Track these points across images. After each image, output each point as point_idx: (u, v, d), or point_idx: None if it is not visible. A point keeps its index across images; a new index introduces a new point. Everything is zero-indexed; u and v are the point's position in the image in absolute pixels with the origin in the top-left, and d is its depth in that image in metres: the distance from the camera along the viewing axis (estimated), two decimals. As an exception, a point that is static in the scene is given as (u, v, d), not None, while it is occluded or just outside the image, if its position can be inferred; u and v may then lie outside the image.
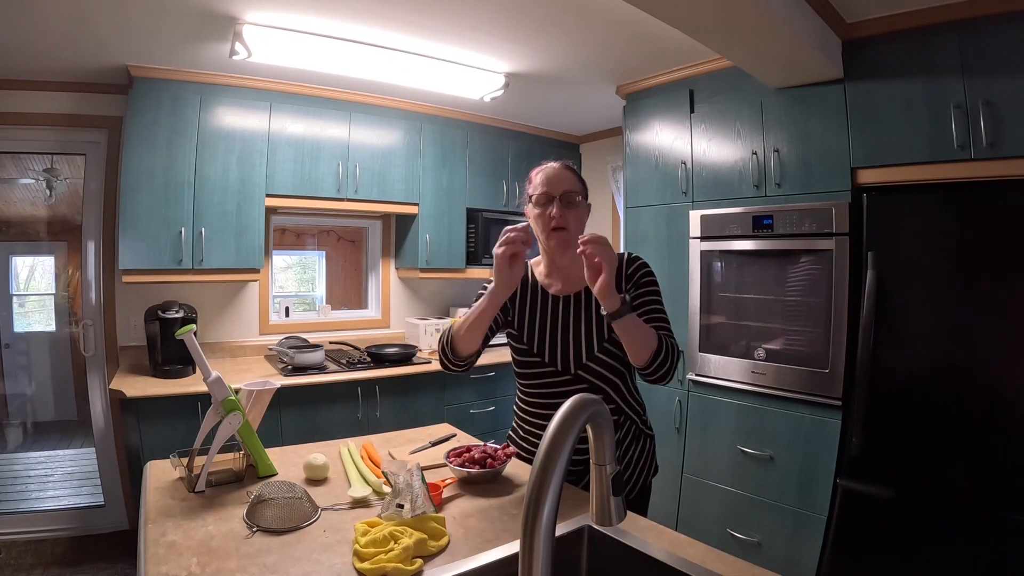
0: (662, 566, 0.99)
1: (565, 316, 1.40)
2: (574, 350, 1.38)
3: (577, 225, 1.36)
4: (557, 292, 1.42)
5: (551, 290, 1.43)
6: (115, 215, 2.74)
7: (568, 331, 1.39)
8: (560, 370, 1.39)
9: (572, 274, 1.40)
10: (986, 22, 1.77)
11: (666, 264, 2.69)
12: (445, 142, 3.44)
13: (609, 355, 1.36)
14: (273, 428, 2.54)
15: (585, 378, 1.37)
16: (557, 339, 1.40)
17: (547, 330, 1.41)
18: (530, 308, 1.44)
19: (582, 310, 1.39)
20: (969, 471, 1.79)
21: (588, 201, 1.41)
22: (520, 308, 1.45)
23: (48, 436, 3.98)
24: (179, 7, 2.06)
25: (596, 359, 1.36)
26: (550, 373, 1.39)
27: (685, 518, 2.59)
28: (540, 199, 1.34)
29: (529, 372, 1.43)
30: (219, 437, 1.29)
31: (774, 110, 2.31)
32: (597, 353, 1.36)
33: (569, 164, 1.40)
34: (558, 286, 1.42)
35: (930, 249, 1.90)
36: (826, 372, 2.09)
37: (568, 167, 1.38)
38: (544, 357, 1.40)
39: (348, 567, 0.95)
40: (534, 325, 1.42)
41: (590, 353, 1.36)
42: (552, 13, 2.12)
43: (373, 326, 3.68)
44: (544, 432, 1.39)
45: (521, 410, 1.50)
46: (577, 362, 1.37)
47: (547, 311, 1.42)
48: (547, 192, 1.33)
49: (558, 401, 1.32)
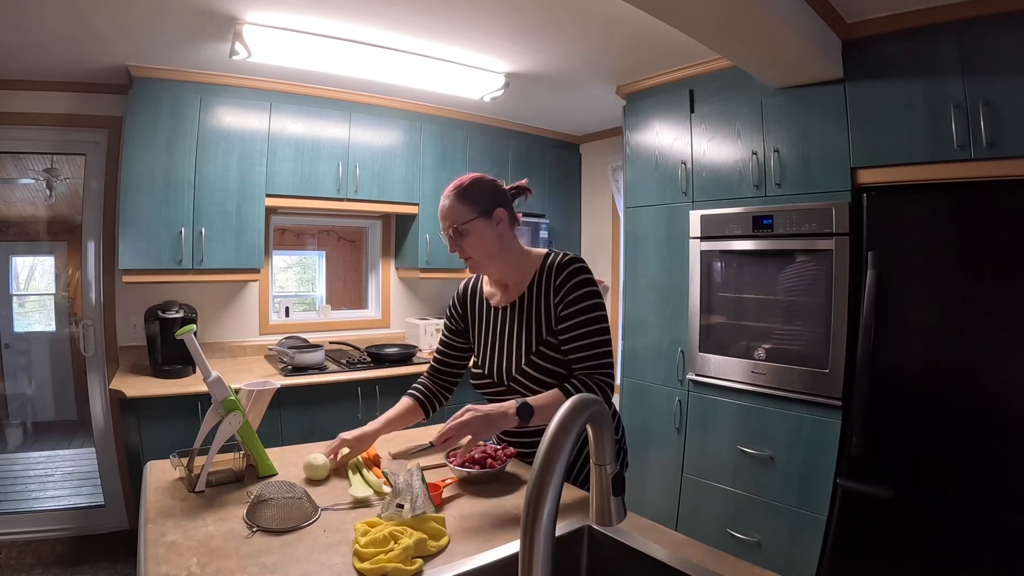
0: (662, 566, 0.99)
1: (501, 327, 1.41)
2: (505, 362, 1.38)
3: (479, 248, 1.33)
4: (497, 303, 1.44)
5: (492, 301, 1.45)
6: (115, 215, 2.75)
7: (502, 343, 1.40)
8: (496, 382, 1.40)
9: (509, 283, 1.41)
10: (986, 22, 1.77)
11: (666, 264, 2.69)
12: (445, 142, 3.44)
13: (535, 368, 1.32)
14: (273, 428, 2.54)
15: (516, 389, 1.36)
16: (494, 351, 1.42)
17: (487, 342, 1.44)
18: (478, 321, 1.49)
19: (514, 322, 1.39)
20: (969, 471, 1.79)
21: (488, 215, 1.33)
22: (471, 323, 1.51)
23: (48, 436, 3.98)
24: (179, 7, 2.06)
25: (523, 372, 1.34)
26: (488, 384, 1.43)
27: (685, 518, 2.59)
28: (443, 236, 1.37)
29: (476, 383, 1.47)
30: (219, 437, 1.29)
31: (774, 110, 2.31)
32: (524, 366, 1.34)
33: (456, 187, 1.34)
34: (498, 296, 1.44)
35: (930, 249, 1.90)
36: (826, 372, 2.09)
37: (454, 193, 1.33)
38: (484, 368, 1.43)
39: (348, 567, 0.95)
40: (482, 337, 1.47)
41: (518, 366, 1.35)
42: (552, 13, 2.12)
43: (373, 326, 3.68)
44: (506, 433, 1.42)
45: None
46: (508, 374, 1.37)
47: (489, 323, 1.45)
48: (442, 231, 1.36)
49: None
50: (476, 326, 1.49)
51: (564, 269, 1.31)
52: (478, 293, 1.50)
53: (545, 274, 1.35)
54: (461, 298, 1.54)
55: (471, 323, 1.51)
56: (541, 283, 1.35)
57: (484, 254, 1.34)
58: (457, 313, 1.54)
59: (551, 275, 1.33)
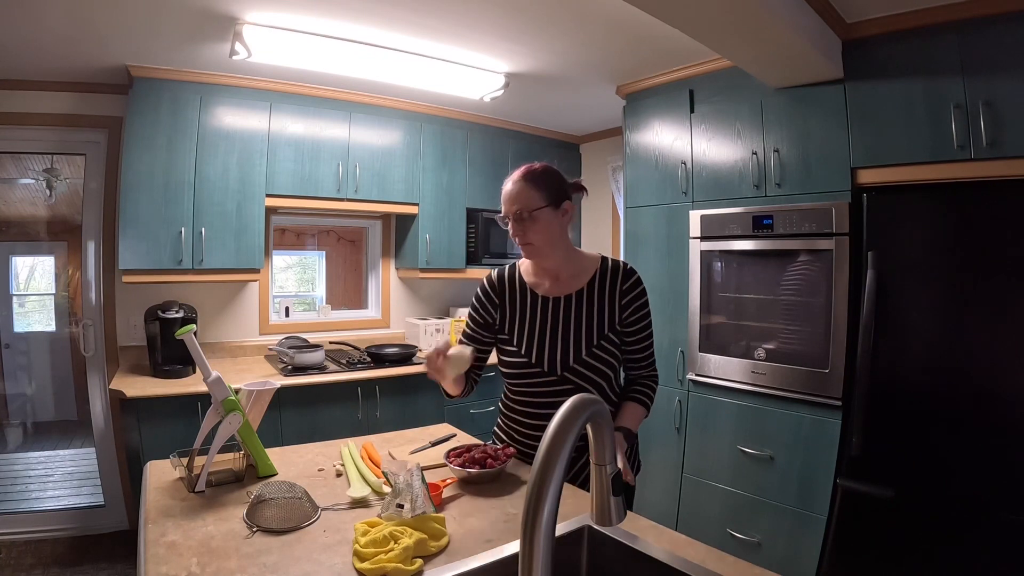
0: (662, 566, 0.99)
1: (555, 318, 1.41)
2: (562, 353, 1.39)
3: (544, 237, 1.36)
4: (546, 293, 1.43)
5: (539, 291, 1.44)
6: (115, 215, 2.74)
7: (556, 333, 1.40)
8: (546, 371, 1.39)
9: (561, 275, 1.43)
10: (986, 22, 1.77)
11: (666, 264, 2.69)
12: (445, 142, 3.44)
13: (596, 359, 1.38)
14: (273, 428, 2.54)
15: (570, 379, 1.38)
16: (545, 341, 1.40)
17: (536, 331, 1.42)
18: (519, 309, 1.45)
19: (571, 313, 1.40)
20: (969, 471, 1.79)
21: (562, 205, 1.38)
22: (509, 311, 1.47)
23: (48, 436, 3.98)
24: (179, 7, 2.06)
25: (583, 362, 1.38)
26: (536, 373, 1.41)
27: (685, 518, 2.59)
28: (504, 218, 1.39)
29: (515, 372, 1.44)
30: (219, 437, 1.29)
31: (774, 110, 2.31)
32: (585, 357, 1.38)
33: (528, 173, 1.37)
34: (546, 286, 1.44)
35: (930, 249, 1.90)
36: (826, 372, 2.09)
37: (525, 177, 1.37)
38: (531, 358, 1.41)
39: (348, 567, 0.95)
40: (523, 326, 1.44)
41: (578, 356, 1.38)
42: (552, 13, 2.12)
43: (373, 326, 3.68)
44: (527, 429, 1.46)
45: (506, 407, 1.52)
46: (564, 364, 1.38)
47: (536, 312, 1.43)
48: (506, 212, 1.38)
49: (543, 400, 1.41)
50: (516, 313, 1.45)
51: (631, 277, 1.42)
52: (516, 280, 1.48)
53: (610, 275, 1.42)
54: (497, 286, 1.49)
55: (508, 310, 1.46)
56: (605, 282, 1.41)
57: (546, 242, 1.37)
58: (492, 302, 1.48)
59: (617, 278, 1.41)
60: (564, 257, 1.42)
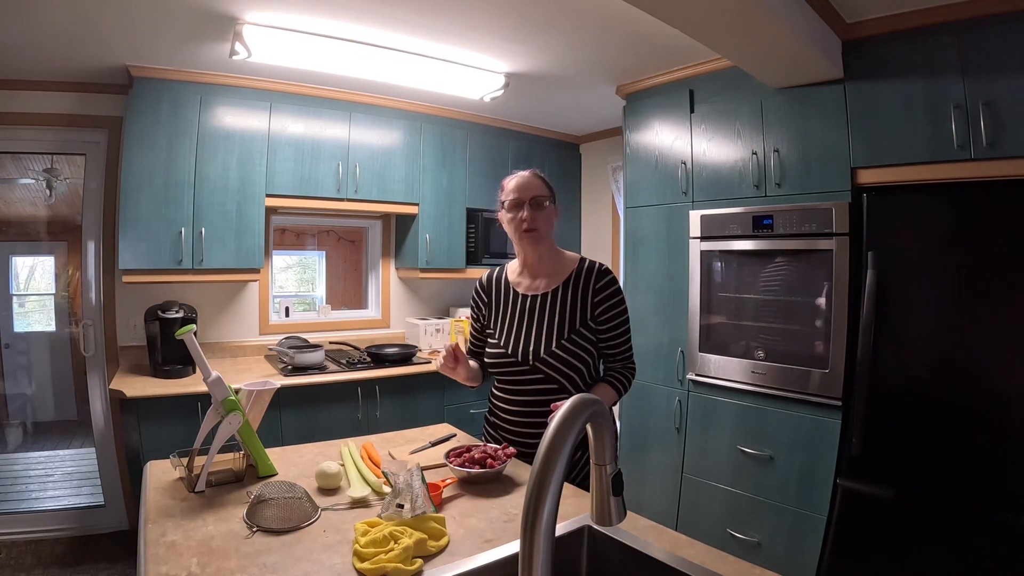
0: (662, 566, 0.99)
1: (530, 313, 1.54)
2: (534, 344, 1.51)
3: (546, 226, 1.52)
4: (525, 291, 1.58)
5: (520, 288, 1.59)
6: (115, 215, 2.75)
7: (531, 326, 1.53)
8: (520, 361, 1.51)
9: (539, 272, 1.57)
10: (986, 22, 1.77)
11: (666, 264, 2.69)
12: (445, 142, 3.44)
13: (566, 351, 1.48)
14: (273, 428, 2.54)
15: (542, 369, 1.49)
16: (521, 333, 1.54)
17: (514, 325, 1.56)
18: (502, 306, 1.61)
19: (546, 309, 1.53)
20: (969, 471, 1.79)
21: (556, 206, 1.56)
22: (495, 309, 1.63)
23: (48, 436, 3.98)
24: (179, 7, 2.06)
25: (552, 353, 1.48)
26: (512, 363, 1.53)
27: (685, 518, 2.59)
28: (512, 204, 1.51)
29: (496, 363, 1.57)
30: (219, 437, 1.30)
31: (774, 110, 2.31)
32: (554, 348, 1.48)
33: (538, 172, 1.56)
34: (525, 284, 1.59)
35: (930, 249, 1.90)
36: (826, 372, 2.09)
37: (537, 175, 1.54)
38: (508, 349, 1.54)
39: (348, 567, 0.95)
40: (505, 320, 1.59)
41: (548, 348, 1.49)
42: (552, 13, 2.12)
43: (373, 326, 3.68)
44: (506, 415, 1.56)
45: (491, 396, 1.65)
46: (536, 355, 1.49)
47: (515, 307, 1.58)
48: (518, 198, 1.50)
49: (518, 388, 1.52)
50: (500, 310, 1.60)
51: (604, 277, 1.52)
52: (503, 281, 1.64)
53: (584, 275, 1.52)
54: (486, 286, 1.67)
55: (494, 308, 1.62)
56: (579, 282, 1.52)
57: (547, 231, 1.53)
58: (482, 301, 1.66)
59: (591, 278, 1.51)
60: (550, 253, 1.57)
